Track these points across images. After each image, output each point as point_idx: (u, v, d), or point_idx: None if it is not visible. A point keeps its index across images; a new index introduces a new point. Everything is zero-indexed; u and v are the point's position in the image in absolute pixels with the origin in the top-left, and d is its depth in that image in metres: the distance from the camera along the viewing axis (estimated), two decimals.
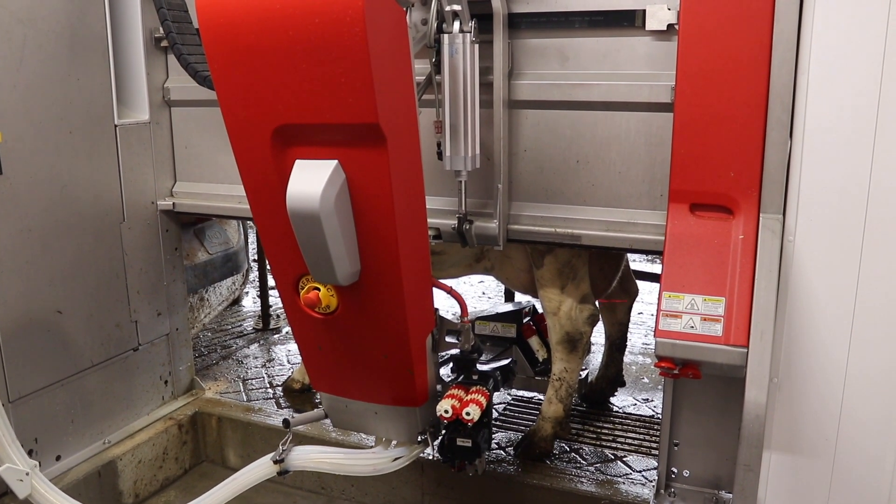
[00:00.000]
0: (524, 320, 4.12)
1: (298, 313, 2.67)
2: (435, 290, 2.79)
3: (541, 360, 4.06)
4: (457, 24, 2.66)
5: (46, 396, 3.43)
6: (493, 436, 3.84)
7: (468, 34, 2.67)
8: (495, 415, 4.11)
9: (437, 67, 2.78)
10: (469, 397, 2.79)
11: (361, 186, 2.28)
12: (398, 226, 2.34)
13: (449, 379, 2.97)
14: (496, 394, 3.31)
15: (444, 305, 3.29)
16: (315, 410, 3.12)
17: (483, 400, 2.79)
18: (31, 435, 3.34)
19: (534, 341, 4.09)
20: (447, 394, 2.82)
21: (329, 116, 2.17)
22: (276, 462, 2.93)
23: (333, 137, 2.22)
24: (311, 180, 2.23)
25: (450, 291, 2.83)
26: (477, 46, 2.72)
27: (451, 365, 3.00)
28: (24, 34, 3.16)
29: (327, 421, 3.05)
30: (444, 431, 2.88)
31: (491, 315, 4.18)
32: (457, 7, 2.64)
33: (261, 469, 2.97)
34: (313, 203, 2.21)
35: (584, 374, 4.09)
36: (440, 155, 2.84)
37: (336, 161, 2.25)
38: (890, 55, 2.28)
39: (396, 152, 2.24)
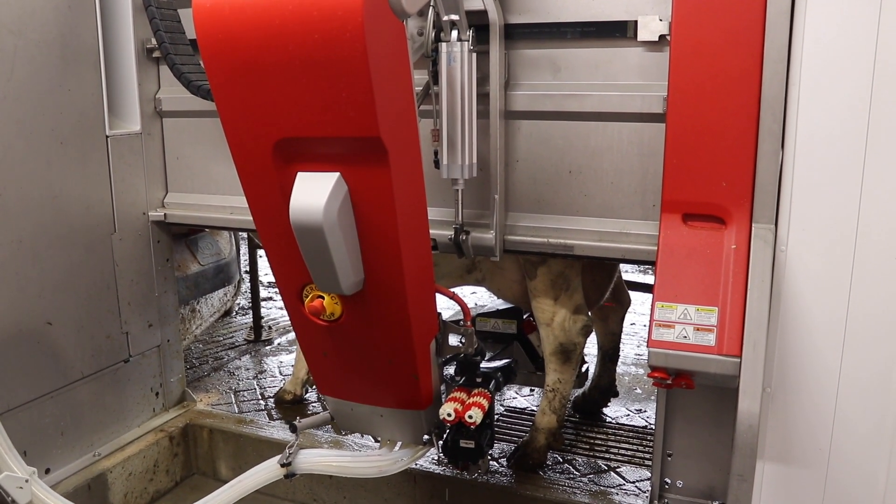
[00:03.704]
0: (524, 316, 4.12)
1: (303, 321, 2.67)
2: (438, 295, 2.79)
3: (542, 355, 4.06)
4: (454, 33, 2.67)
5: (36, 408, 3.40)
6: None
7: (466, 43, 2.68)
8: None
9: (435, 78, 2.79)
10: (471, 400, 2.80)
11: (364, 198, 2.28)
12: (401, 235, 2.34)
13: (452, 380, 2.97)
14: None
15: (446, 305, 3.29)
16: (321, 414, 3.12)
17: (485, 402, 2.79)
18: (20, 447, 3.28)
19: (534, 337, 4.08)
20: (450, 397, 2.83)
21: (330, 130, 2.17)
22: (283, 465, 2.93)
23: (335, 150, 2.23)
24: (313, 193, 2.23)
25: (453, 297, 2.84)
26: (474, 55, 2.73)
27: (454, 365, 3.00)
28: (15, 45, 3.15)
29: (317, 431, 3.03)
30: (447, 433, 2.88)
31: (491, 312, 4.16)
32: (454, 17, 2.64)
33: (267, 472, 2.96)
34: (316, 216, 2.21)
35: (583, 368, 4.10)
36: (437, 163, 2.84)
37: (338, 173, 2.25)
38: (880, 65, 2.30)
39: (398, 164, 2.25)
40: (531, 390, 4.55)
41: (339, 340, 2.70)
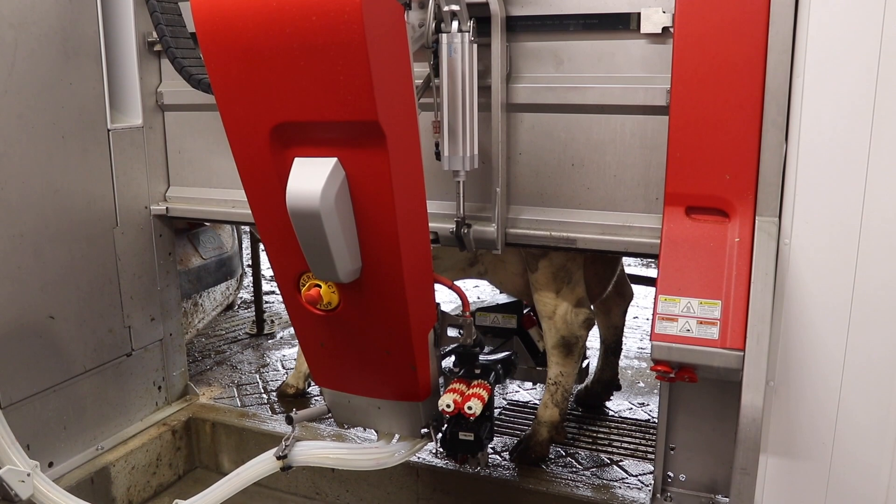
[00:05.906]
0: (524, 311, 4.11)
1: (300, 310, 2.66)
2: (436, 285, 2.78)
3: (542, 350, 4.05)
4: (455, 24, 2.66)
5: (38, 402, 3.40)
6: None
7: (466, 34, 2.67)
8: None
9: (436, 70, 2.78)
10: (471, 391, 2.78)
11: (362, 184, 2.27)
12: (399, 222, 2.32)
13: (451, 372, 2.96)
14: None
15: (446, 299, 3.28)
16: (318, 406, 3.11)
17: (485, 394, 2.78)
18: (23, 441, 3.29)
19: (534, 332, 4.07)
20: (449, 388, 2.81)
21: (328, 114, 2.16)
22: (279, 458, 2.91)
23: (332, 135, 2.21)
24: (310, 178, 2.21)
25: (451, 286, 2.82)
26: (475, 46, 2.71)
27: (453, 358, 2.99)
28: (16, 38, 3.14)
29: (319, 425, 3.03)
30: (445, 425, 2.87)
31: (491, 306, 4.16)
32: (455, 7, 2.63)
33: (264, 465, 2.95)
34: (313, 201, 2.20)
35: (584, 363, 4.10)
36: (438, 155, 2.83)
37: (336, 158, 2.23)
38: (885, 57, 2.28)
39: (396, 149, 2.23)
40: (533, 384, 4.54)
41: (337, 330, 2.68)
